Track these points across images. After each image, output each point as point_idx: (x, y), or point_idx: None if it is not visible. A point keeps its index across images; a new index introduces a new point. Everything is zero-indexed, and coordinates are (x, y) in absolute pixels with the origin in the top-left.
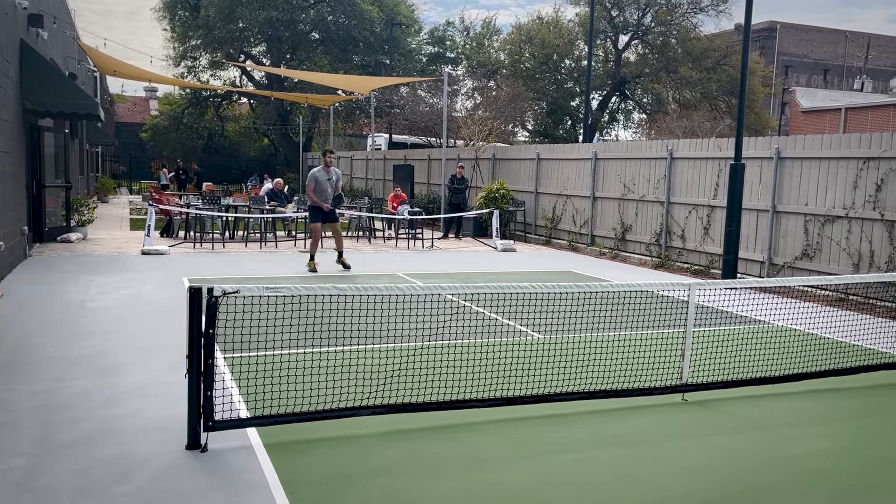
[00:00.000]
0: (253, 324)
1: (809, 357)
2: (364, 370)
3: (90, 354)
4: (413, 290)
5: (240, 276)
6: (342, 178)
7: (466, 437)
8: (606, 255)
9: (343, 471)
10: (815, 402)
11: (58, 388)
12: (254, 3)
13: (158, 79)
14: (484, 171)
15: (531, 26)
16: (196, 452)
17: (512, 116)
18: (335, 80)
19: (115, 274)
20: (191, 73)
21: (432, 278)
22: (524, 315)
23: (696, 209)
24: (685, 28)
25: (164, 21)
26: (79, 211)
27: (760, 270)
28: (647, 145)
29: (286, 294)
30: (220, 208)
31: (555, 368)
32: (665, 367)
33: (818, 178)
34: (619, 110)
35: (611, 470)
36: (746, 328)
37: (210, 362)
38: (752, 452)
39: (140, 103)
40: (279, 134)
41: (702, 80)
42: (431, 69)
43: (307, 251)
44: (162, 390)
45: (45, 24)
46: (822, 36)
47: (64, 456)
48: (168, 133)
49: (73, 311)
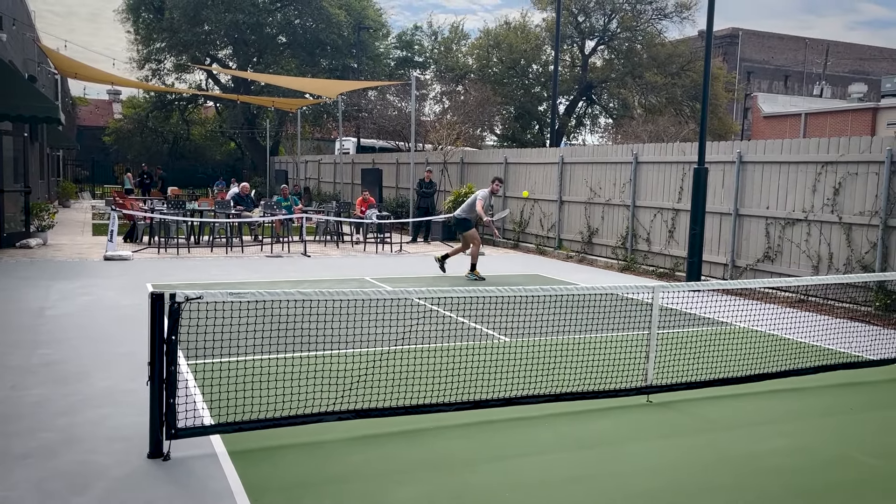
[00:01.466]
0: (217, 330)
1: (771, 358)
2: (330, 375)
3: (50, 362)
4: (380, 294)
5: (205, 282)
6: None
7: (433, 441)
8: (573, 258)
9: (308, 477)
10: (776, 401)
11: (15, 397)
12: (219, 6)
13: (121, 81)
14: (452, 176)
15: (499, 31)
16: (158, 461)
17: (480, 121)
18: (302, 83)
19: (77, 280)
20: (155, 76)
21: (400, 282)
22: (491, 319)
23: (661, 213)
24: (650, 34)
25: (128, 23)
26: (39, 216)
27: (724, 273)
28: (613, 150)
29: (250, 300)
30: (185, 213)
31: (521, 371)
32: (630, 369)
33: (779, 182)
34: (585, 115)
35: (575, 471)
36: (710, 330)
37: (172, 369)
38: (713, 452)
39: (103, 106)
40: (246, 138)
41: (667, 86)
42: (400, 73)
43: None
44: (124, 398)
45: (4, 26)
46: (782, 43)
47: (21, 466)
48: (132, 137)
49: (33, 318)
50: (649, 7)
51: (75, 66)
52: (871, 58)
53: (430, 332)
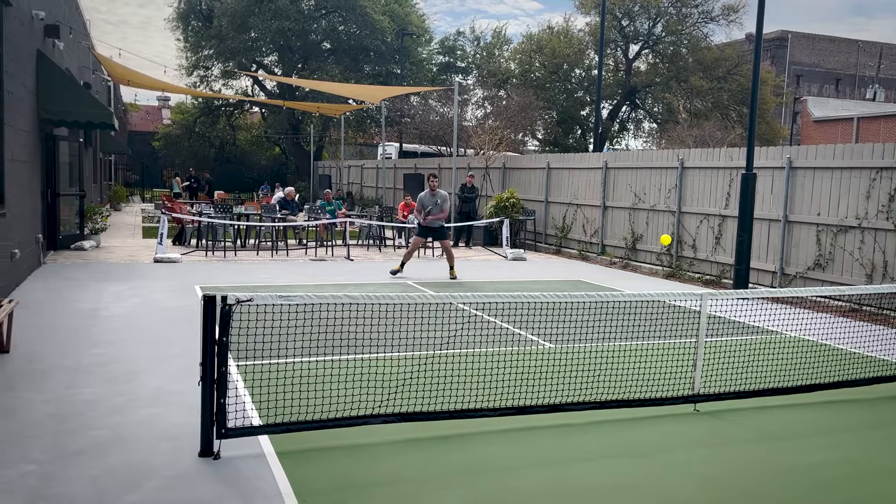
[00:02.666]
0: (265, 332)
1: (822, 368)
2: (375, 379)
3: (102, 362)
4: (425, 298)
5: (252, 285)
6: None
7: (476, 446)
8: (617, 264)
9: (354, 479)
10: (827, 412)
11: (69, 396)
12: (266, 14)
13: (171, 88)
14: (494, 181)
15: (541, 36)
16: (209, 460)
17: (522, 126)
18: (346, 89)
19: (128, 282)
20: (203, 83)
21: (443, 287)
22: (535, 324)
23: (707, 219)
24: (696, 37)
25: (178, 31)
26: (92, 219)
27: (772, 280)
28: (658, 155)
29: (299, 302)
30: (231, 217)
31: (565, 378)
32: (677, 378)
33: (830, 188)
34: (629, 119)
35: (620, 479)
36: (758, 338)
37: (223, 370)
38: (762, 463)
39: (153, 112)
40: (290, 143)
41: (712, 90)
42: (442, 79)
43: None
44: (173, 398)
45: (62, 35)
46: (833, 45)
47: (76, 464)
48: (180, 142)
49: (86, 319)
50: (695, 10)
51: (128, 74)
52: None
53: (474, 336)
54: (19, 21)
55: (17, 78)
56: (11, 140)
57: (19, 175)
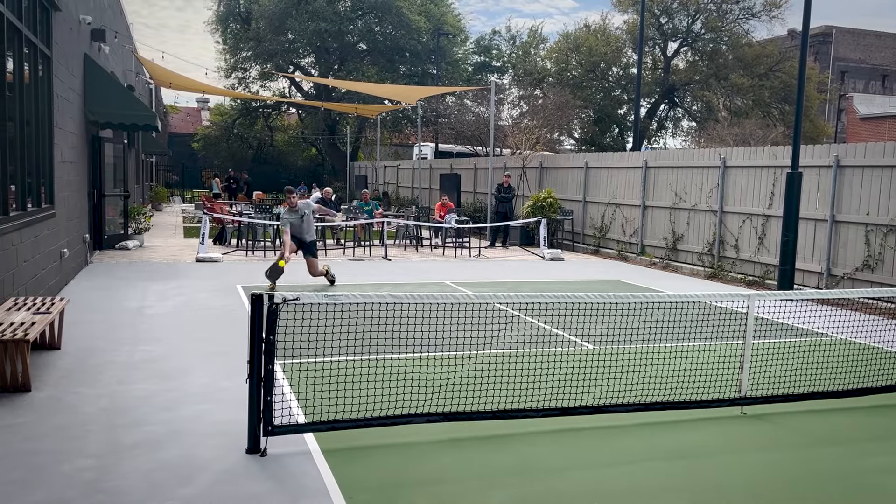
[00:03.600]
0: (309, 330)
1: (873, 371)
2: (418, 378)
3: (151, 359)
4: (465, 298)
5: (293, 284)
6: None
7: (520, 446)
8: (657, 264)
9: (399, 477)
10: (879, 417)
11: (121, 392)
12: (303, 16)
13: (210, 90)
14: (531, 180)
15: (578, 34)
16: (256, 457)
17: (559, 125)
18: (382, 89)
19: (172, 281)
20: (241, 85)
21: (480, 287)
22: (575, 325)
23: (750, 218)
24: (736, 34)
25: (217, 34)
26: (136, 219)
27: (818, 282)
28: (700, 153)
29: (344, 301)
30: (271, 217)
31: (608, 379)
32: (723, 380)
33: (880, 187)
34: (667, 118)
35: (666, 482)
36: (806, 341)
37: (270, 368)
38: (813, 468)
39: (192, 114)
40: (327, 143)
41: (753, 87)
42: (477, 78)
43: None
44: (220, 395)
45: (107, 39)
46: (880, 41)
47: (130, 458)
48: (219, 143)
49: (133, 317)
50: (735, 6)
51: (169, 76)
52: None
53: (514, 337)
54: (68, 26)
55: (65, 81)
56: (60, 142)
57: (68, 176)
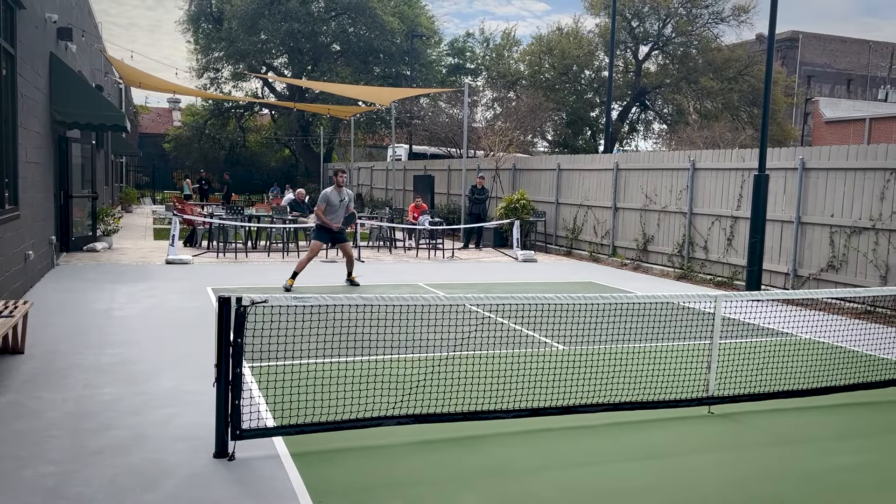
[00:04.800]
0: (279, 333)
1: (837, 370)
2: (389, 380)
3: (118, 362)
4: (437, 300)
5: (263, 286)
6: (352, 195)
7: (491, 448)
8: (628, 266)
9: (370, 480)
10: (843, 416)
11: (87, 396)
12: (276, 16)
13: (181, 90)
14: (504, 182)
15: (551, 37)
16: (224, 461)
17: (532, 127)
18: (356, 91)
19: (141, 283)
20: (213, 85)
21: (454, 289)
22: (547, 326)
23: (719, 220)
24: (706, 38)
25: (188, 33)
26: (104, 221)
27: (785, 282)
28: (670, 156)
29: (313, 304)
30: (242, 218)
31: (579, 380)
32: (691, 380)
33: (844, 189)
34: (639, 121)
35: (636, 483)
36: (772, 340)
37: (238, 371)
38: (779, 466)
39: (163, 114)
40: (300, 145)
41: (723, 91)
42: (451, 80)
43: (297, 264)
44: (189, 398)
45: (74, 38)
46: (845, 46)
47: (95, 463)
48: (190, 144)
49: (101, 320)
50: (705, 11)
51: (139, 76)
52: None
53: (486, 338)
54: (34, 24)
55: (30, 81)
56: (25, 142)
57: (33, 177)
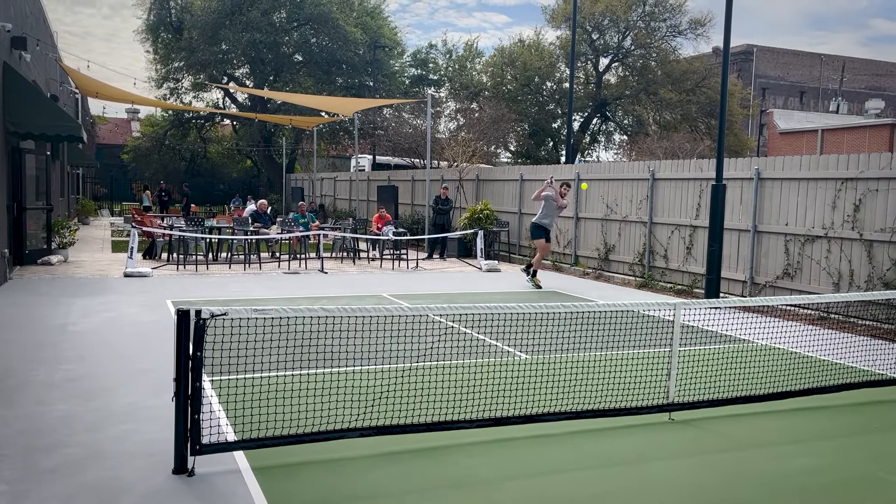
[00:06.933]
0: (239, 346)
1: (793, 375)
2: (352, 392)
3: (73, 378)
4: (400, 311)
5: (224, 298)
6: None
7: (455, 458)
8: (590, 275)
9: (331, 494)
10: (799, 419)
11: (40, 413)
12: (237, 26)
13: (140, 100)
14: (468, 192)
15: (513, 49)
16: (183, 477)
17: (495, 138)
18: (319, 101)
19: (98, 296)
20: (173, 95)
21: (418, 299)
22: (510, 335)
23: (678, 229)
24: (664, 51)
25: (147, 43)
26: (60, 233)
27: (743, 289)
28: (630, 166)
29: (274, 316)
30: (203, 230)
31: (542, 388)
32: (651, 387)
33: (797, 199)
34: (600, 132)
35: (599, 489)
36: (730, 347)
37: (198, 385)
38: (737, 470)
39: (122, 125)
40: (262, 155)
41: (681, 102)
42: (415, 91)
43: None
44: (147, 414)
45: (29, 47)
46: (797, 59)
47: (49, 482)
48: (150, 155)
49: (56, 335)
50: (663, 24)
51: (96, 86)
52: (887, 74)
53: (449, 348)
54: None
55: None
56: None
57: None
